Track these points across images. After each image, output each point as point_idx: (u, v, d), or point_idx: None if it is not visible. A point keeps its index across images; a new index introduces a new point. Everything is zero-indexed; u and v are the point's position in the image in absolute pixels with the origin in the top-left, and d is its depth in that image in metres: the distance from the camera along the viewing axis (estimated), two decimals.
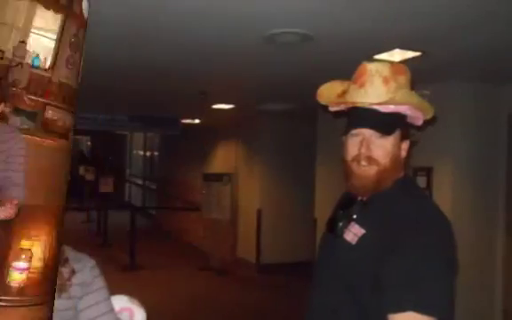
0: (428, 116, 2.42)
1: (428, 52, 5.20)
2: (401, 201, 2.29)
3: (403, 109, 2.31)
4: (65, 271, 2.38)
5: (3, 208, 1.78)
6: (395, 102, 2.27)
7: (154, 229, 18.41)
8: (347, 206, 2.42)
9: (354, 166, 2.33)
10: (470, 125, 6.89)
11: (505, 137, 7.05)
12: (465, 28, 4.44)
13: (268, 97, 9.07)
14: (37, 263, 1.85)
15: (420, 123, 2.42)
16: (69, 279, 2.38)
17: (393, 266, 2.08)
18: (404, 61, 5.17)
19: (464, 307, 5.93)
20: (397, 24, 4.39)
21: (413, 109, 2.34)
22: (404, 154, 2.39)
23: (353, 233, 2.31)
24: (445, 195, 6.64)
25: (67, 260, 2.42)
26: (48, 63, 1.86)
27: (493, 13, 4.04)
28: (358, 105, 2.31)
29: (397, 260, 2.08)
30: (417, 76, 2.54)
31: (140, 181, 24.03)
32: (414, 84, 2.40)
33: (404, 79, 2.32)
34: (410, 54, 5.25)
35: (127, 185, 25.92)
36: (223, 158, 14.54)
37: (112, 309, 2.56)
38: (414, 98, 2.33)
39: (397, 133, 2.32)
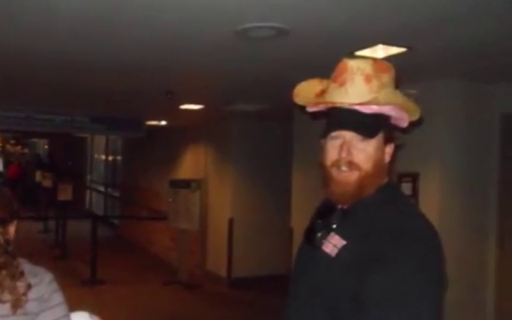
0: (414, 118, 2.42)
1: (413, 48, 5.22)
2: (384, 209, 2.27)
3: (386, 110, 2.31)
4: (20, 285, 2.37)
5: None
6: (378, 102, 2.26)
7: (117, 240, 18.34)
8: (326, 215, 2.41)
9: (333, 172, 2.31)
10: (459, 127, 6.90)
11: (497, 139, 7.07)
12: (453, 22, 4.46)
13: (240, 96, 9.07)
14: None
15: (405, 124, 2.42)
16: (25, 294, 2.37)
17: (376, 281, 2.06)
18: (388, 58, 5.18)
19: None
20: (381, 17, 4.39)
21: (398, 110, 2.34)
22: (387, 158, 2.38)
23: (332, 244, 2.30)
24: (432, 202, 6.66)
25: (22, 274, 2.41)
26: None
27: (483, 6, 4.07)
28: (338, 105, 2.30)
29: (381, 276, 2.06)
30: (402, 73, 2.55)
31: (101, 188, 23.94)
32: (399, 83, 2.40)
33: (387, 77, 2.31)
34: (394, 50, 5.27)
35: (88, 192, 25.79)
36: (192, 163, 14.51)
37: None
38: (399, 97, 2.33)
39: (380, 136, 2.31)
